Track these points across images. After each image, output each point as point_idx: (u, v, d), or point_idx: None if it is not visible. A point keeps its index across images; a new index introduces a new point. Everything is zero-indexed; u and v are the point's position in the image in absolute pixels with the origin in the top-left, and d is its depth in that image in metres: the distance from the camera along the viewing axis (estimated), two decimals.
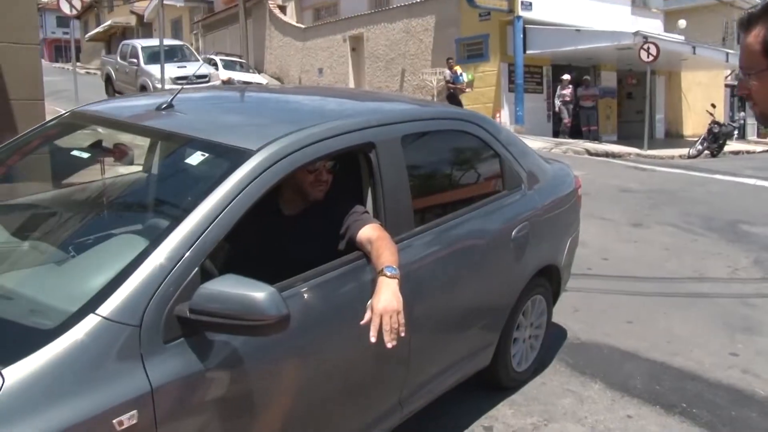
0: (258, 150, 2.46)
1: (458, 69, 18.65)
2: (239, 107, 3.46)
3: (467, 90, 18.86)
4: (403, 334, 2.41)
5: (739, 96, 1.84)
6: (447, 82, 18.43)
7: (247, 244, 2.87)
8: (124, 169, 3.75)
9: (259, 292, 2.03)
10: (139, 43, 21.02)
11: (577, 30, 18.95)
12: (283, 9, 30.74)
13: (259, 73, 26.19)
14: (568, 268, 4.49)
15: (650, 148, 18.19)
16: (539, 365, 4.33)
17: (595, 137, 20.13)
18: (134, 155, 3.51)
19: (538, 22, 19.66)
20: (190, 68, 18.95)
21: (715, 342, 4.97)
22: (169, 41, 22.86)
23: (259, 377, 2.33)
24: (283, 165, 2.49)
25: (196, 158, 2.63)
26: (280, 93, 4.21)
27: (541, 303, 4.16)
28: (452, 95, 18.27)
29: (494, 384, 3.96)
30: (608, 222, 8.62)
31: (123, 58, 21.00)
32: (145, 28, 41.22)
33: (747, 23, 1.71)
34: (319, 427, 2.64)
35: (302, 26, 29.00)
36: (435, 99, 21.22)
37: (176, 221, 2.23)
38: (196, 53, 21.72)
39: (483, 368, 3.74)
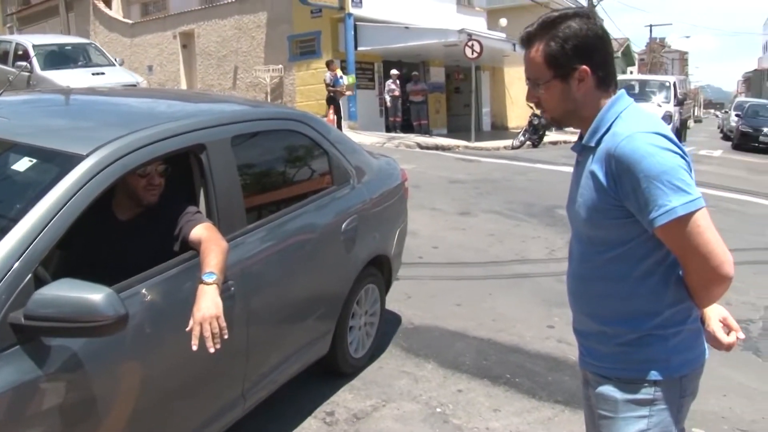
0: (88, 154, 2.47)
1: (338, 72, 18.49)
2: (65, 110, 3.40)
3: (348, 93, 18.68)
4: (226, 337, 2.49)
5: (530, 103, 2.09)
6: (327, 85, 17.98)
7: (83, 251, 2.87)
8: None
9: (95, 294, 2.08)
10: (29, 41, 15.66)
11: (405, 27, 19.56)
12: (108, 3, 29.30)
13: None
14: (398, 257, 4.74)
15: (477, 140, 19.11)
16: (376, 351, 4.56)
17: (426, 131, 20.90)
18: None
19: (369, 19, 20.10)
20: (111, 76, 14.21)
21: (534, 317, 5.45)
22: (70, 38, 18.23)
23: (99, 379, 2.35)
24: (114, 169, 2.51)
25: (23, 164, 2.60)
26: (107, 95, 4.14)
27: (374, 291, 4.38)
28: (332, 98, 18.03)
29: (334, 371, 4.14)
30: (438, 212, 9.07)
31: (2, 60, 15.49)
32: None
33: (527, 40, 1.95)
34: (161, 425, 2.69)
35: (129, 22, 27.84)
36: (268, 97, 21.19)
37: (5, 229, 2.22)
38: (107, 54, 16.53)
39: (322, 356, 3.90)
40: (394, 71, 19.98)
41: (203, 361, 2.78)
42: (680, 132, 22.19)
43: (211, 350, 2.43)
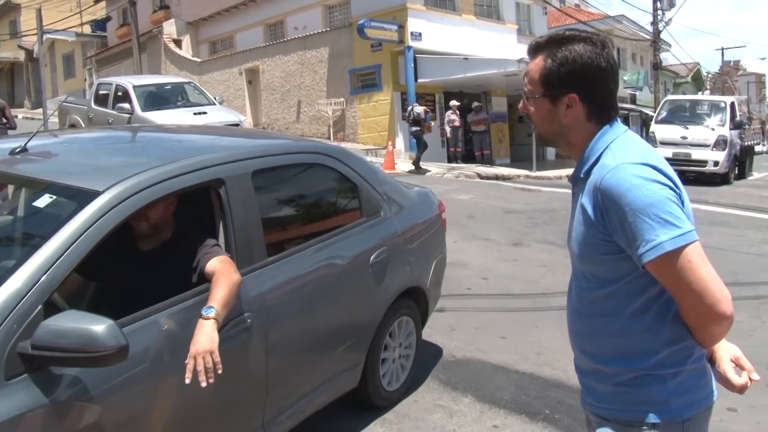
0: (104, 190, 2.57)
1: (425, 108, 18.48)
2: (92, 149, 3.53)
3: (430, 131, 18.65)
4: (219, 371, 2.51)
5: (522, 113, 2.04)
6: (417, 119, 17.85)
7: (108, 281, 2.99)
8: None
9: (97, 325, 2.14)
10: (129, 82, 14.78)
11: (465, 58, 19.63)
12: (178, 43, 30.49)
13: None
14: (435, 289, 4.70)
15: (539, 169, 18.90)
16: (413, 383, 4.50)
17: (488, 161, 20.79)
18: None
19: (428, 51, 20.28)
20: (214, 115, 13.48)
21: None
22: (168, 78, 18.12)
23: (110, 409, 2.40)
24: (129, 204, 2.60)
25: (44, 200, 2.72)
26: (133, 132, 4.30)
27: (409, 324, 4.34)
28: (421, 132, 17.98)
29: (366, 404, 4.11)
30: (490, 242, 8.98)
31: (101, 102, 15.01)
32: (35, 63, 39.99)
33: (534, 51, 1.89)
34: None
35: (198, 60, 28.87)
36: (331, 129, 21.52)
37: (20, 262, 2.31)
38: (207, 93, 16.04)
39: (353, 389, 3.88)
40: (453, 102, 20.00)
41: (220, 391, 2.82)
42: (742, 160, 20.11)
43: (203, 384, 2.46)
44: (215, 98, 15.73)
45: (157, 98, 14.44)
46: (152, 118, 13.03)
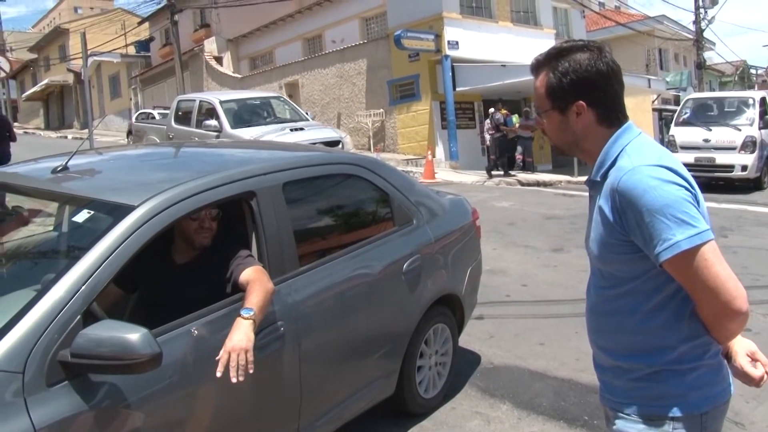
0: (139, 205, 2.67)
1: (505, 112, 18.72)
2: (133, 165, 3.66)
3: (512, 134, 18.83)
4: (251, 371, 2.58)
5: (540, 131, 2.10)
6: (499, 125, 18.05)
7: (146, 293, 3.10)
8: (41, 229, 3.91)
9: (132, 334, 2.24)
10: (215, 97, 13.68)
11: (502, 65, 19.56)
12: (219, 60, 31.07)
13: None
14: (471, 296, 4.71)
15: (581, 174, 18.69)
16: (451, 391, 4.52)
17: (530, 168, 20.63)
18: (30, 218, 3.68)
19: (466, 60, 20.25)
20: (312, 132, 12.23)
21: None
22: (254, 93, 16.91)
23: (147, 415, 2.48)
24: (163, 218, 2.70)
25: (83, 215, 2.84)
26: (170, 148, 4.43)
27: (444, 331, 4.36)
28: (504, 137, 18.12)
29: (403, 411, 4.14)
30: (530, 249, 8.93)
31: (183, 120, 13.96)
32: (83, 85, 41.16)
33: (536, 69, 1.97)
34: None
35: (239, 76, 29.33)
36: (371, 140, 21.63)
37: (60, 275, 2.42)
38: (297, 107, 14.83)
39: (390, 396, 3.92)
40: (491, 110, 19.95)
41: (254, 398, 2.89)
42: None
43: (234, 380, 2.52)
44: (306, 113, 14.90)
45: (246, 114, 13.36)
46: (243, 136, 11.82)
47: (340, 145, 11.44)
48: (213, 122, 12.48)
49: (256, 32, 29.59)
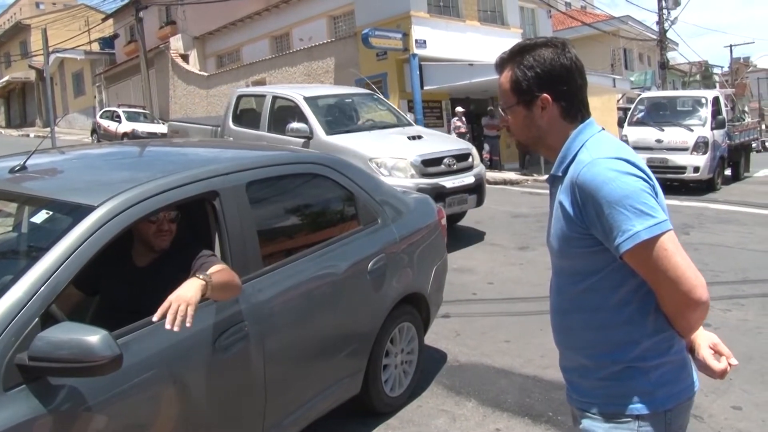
0: (99, 205, 2.63)
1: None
2: (95, 164, 3.60)
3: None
4: (188, 325, 2.52)
5: (503, 128, 2.12)
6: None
7: (106, 296, 3.05)
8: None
9: (92, 336, 2.20)
10: (298, 93, 10.06)
11: (470, 64, 19.67)
12: (185, 58, 30.78)
13: (164, 123, 26.03)
14: (437, 294, 4.73)
15: (548, 173, 18.81)
16: (417, 389, 4.53)
17: (497, 166, 20.77)
18: None
19: (434, 58, 20.34)
20: (434, 142, 9.45)
21: None
22: (344, 88, 12.66)
23: (108, 418, 2.45)
24: (123, 218, 2.66)
25: (41, 216, 2.79)
26: (133, 147, 4.38)
27: (410, 329, 4.37)
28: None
29: (369, 409, 4.14)
30: (496, 247, 9.00)
31: (246, 121, 10.58)
32: (45, 82, 40.49)
33: (500, 66, 1.99)
34: None
35: (205, 74, 29.11)
36: None
37: (18, 276, 2.38)
38: (393, 106, 11.69)
39: (355, 395, 3.92)
40: (458, 108, 20.04)
41: (218, 399, 2.87)
42: (735, 159, 17.99)
43: (168, 327, 2.47)
44: (407, 116, 12.56)
45: (339, 115, 10.31)
46: (343, 145, 8.74)
47: (470, 158, 9.33)
48: (301, 125, 9.26)
49: (223, 30, 29.37)
